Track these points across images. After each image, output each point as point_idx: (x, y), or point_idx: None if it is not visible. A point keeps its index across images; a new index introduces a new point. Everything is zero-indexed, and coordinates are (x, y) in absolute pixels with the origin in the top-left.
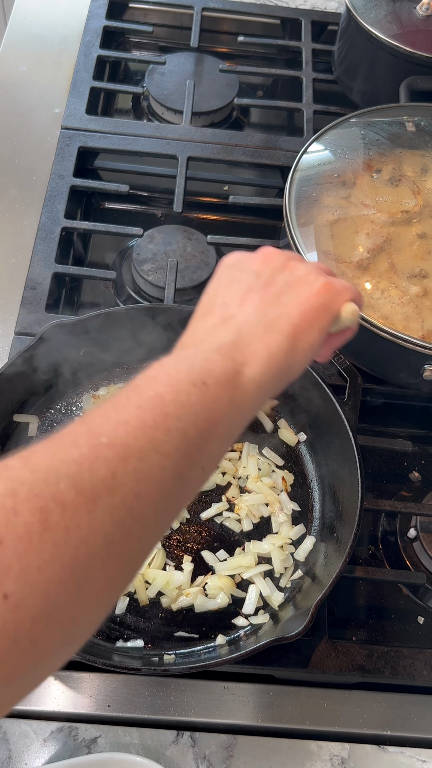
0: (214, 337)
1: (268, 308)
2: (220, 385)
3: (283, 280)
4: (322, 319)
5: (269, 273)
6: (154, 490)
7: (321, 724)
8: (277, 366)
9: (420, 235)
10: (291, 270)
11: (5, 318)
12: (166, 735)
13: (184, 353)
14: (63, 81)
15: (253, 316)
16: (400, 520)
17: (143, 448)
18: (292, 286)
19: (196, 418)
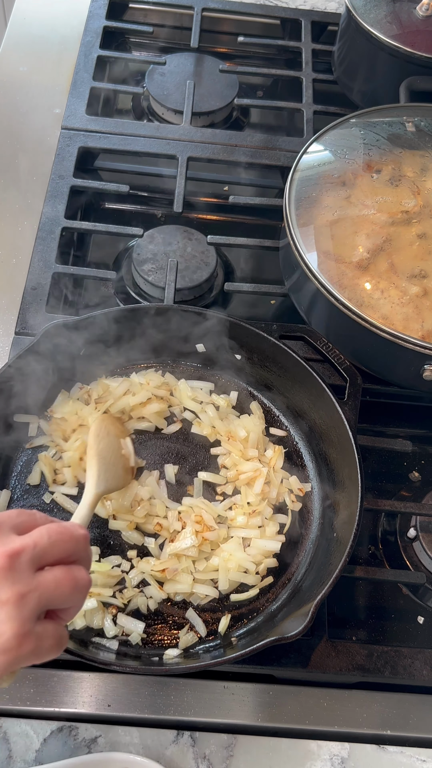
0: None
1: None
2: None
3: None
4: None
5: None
6: None
7: (321, 724)
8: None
9: (420, 235)
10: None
11: (5, 318)
12: (166, 735)
13: None
14: (63, 81)
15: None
16: (400, 520)
17: None
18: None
19: None
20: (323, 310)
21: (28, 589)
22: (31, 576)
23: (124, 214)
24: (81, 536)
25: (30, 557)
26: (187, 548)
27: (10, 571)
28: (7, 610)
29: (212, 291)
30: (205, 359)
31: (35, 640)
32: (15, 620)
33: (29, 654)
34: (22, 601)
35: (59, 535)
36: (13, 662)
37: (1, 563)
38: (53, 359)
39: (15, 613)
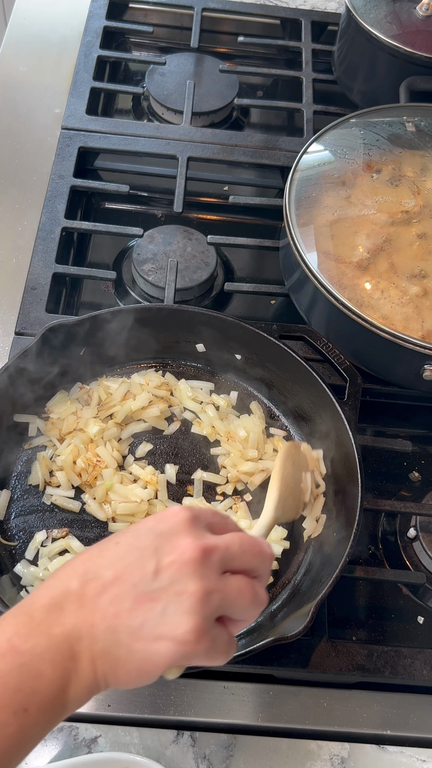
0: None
1: (123, 628)
2: (41, 711)
3: (164, 605)
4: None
5: (166, 583)
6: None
7: (321, 724)
8: (97, 689)
9: (420, 235)
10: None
11: (5, 318)
12: (166, 735)
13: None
14: (63, 81)
15: (106, 623)
16: (400, 520)
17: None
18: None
19: (6, 751)
20: (323, 310)
21: (213, 588)
22: (218, 576)
23: (124, 214)
24: (269, 554)
25: (220, 558)
26: None
27: (201, 566)
28: (191, 602)
29: (212, 291)
30: (205, 359)
31: (210, 641)
32: (197, 614)
33: (203, 652)
34: (206, 598)
35: (250, 546)
36: (186, 656)
37: (195, 555)
38: (53, 359)
39: (198, 607)
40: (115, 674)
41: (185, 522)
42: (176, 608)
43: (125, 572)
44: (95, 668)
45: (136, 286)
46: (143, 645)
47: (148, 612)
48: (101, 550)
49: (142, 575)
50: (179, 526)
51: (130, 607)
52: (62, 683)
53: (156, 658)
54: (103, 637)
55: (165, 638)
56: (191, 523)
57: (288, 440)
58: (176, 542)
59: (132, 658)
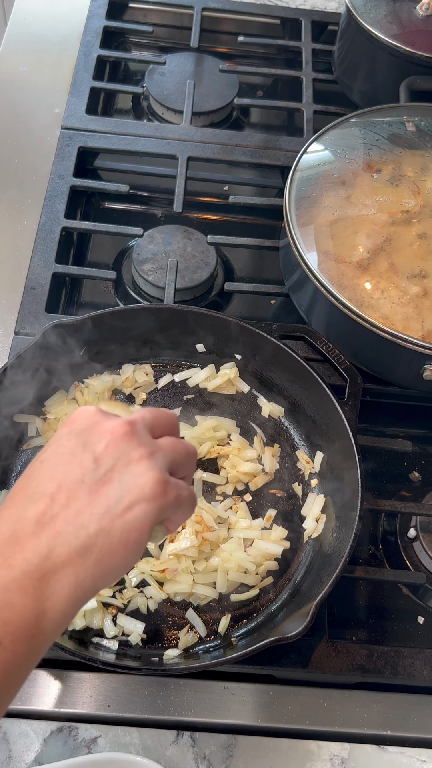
0: (22, 553)
1: (90, 519)
2: (17, 641)
3: (119, 480)
4: (141, 541)
5: (110, 463)
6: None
7: (321, 724)
8: (84, 595)
9: (420, 235)
10: (134, 467)
11: (5, 318)
12: (166, 735)
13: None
14: (63, 81)
15: (71, 526)
16: (400, 520)
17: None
18: (125, 492)
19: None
20: (323, 310)
21: (153, 449)
22: (151, 440)
23: (124, 214)
24: (173, 415)
25: (143, 425)
26: (186, 548)
27: (133, 436)
28: (142, 464)
29: (212, 291)
30: (205, 359)
31: (175, 489)
32: (153, 470)
33: (173, 502)
34: (152, 457)
35: (159, 412)
36: (161, 509)
37: (123, 429)
38: (53, 359)
39: (151, 464)
40: (101, 563)
41: (96, 413)
42: (131, 475)
43: (66, 476)
44: (76, 572)
45: (136, 286)
46: (119, 521)
47: (108, 492)
48: (30, 474)
49: (84, 470)
50: (92, 417)
51: (88, 499)
52: (36, 607)
53: (136, 523)
54: (74, 537)
55: (135, 503)
56: (101, 412)
57: (288, 440)
58: (99, 430)
59: (113, 538)
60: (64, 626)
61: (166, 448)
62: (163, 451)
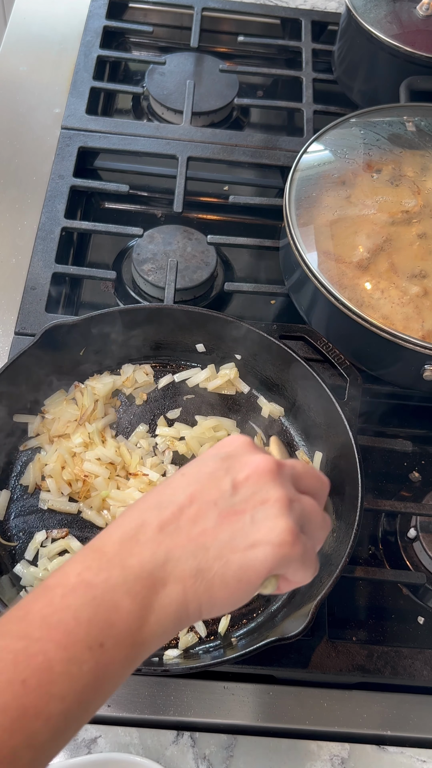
0: (138, 556)
1: (213, 543)
2: (118, 646)
3: (251, 515)
4: (254, 583)
5: (247, 495)
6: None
7: (321, 724)
8: (187, 618)
9: (420, 235)
10: (269, 507)
11: (5, 318)
12: (166, 735)
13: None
14: (63, 81)
15: (193, 543)
16: (400, 520)
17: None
18: (253, 528)
19: (83, 691)
20: (323, 310)
21: (294, 497)
22: (293, 489)
23: (124, 214)
24: (326, 480)
25: (290, 473)
26: None
27: (278, 476)
28: (278, 507)
29: (212, 291)
30: (205, 359)
31: (303, 544)
32: (287, 517)
33: (299, 556)
34: (290, 503)
35: (310, 468)
36: (285, 558)
37: (270, 466)
38: (53, 359)
39: (286, 510)
40: (211, 591)
41: (247, 444)
42: (265, 514)
43: (201, 493)
44: (185, 591)
45: (136, 286)
46: (239, 554)
47: (237, 523)
48: (168, 484)
49: (220, 492)
50: (243, 447)
51: (216, 522)
52: (142, 615)
53: (255, 563)
54: (193, 556)
55: (261, 543)
56: (252, 444)
57: (288, 440)
58: (245, 460)
59: (229, 569)
60: (161, 643)
61: (304, 503)
62: (302, 505)
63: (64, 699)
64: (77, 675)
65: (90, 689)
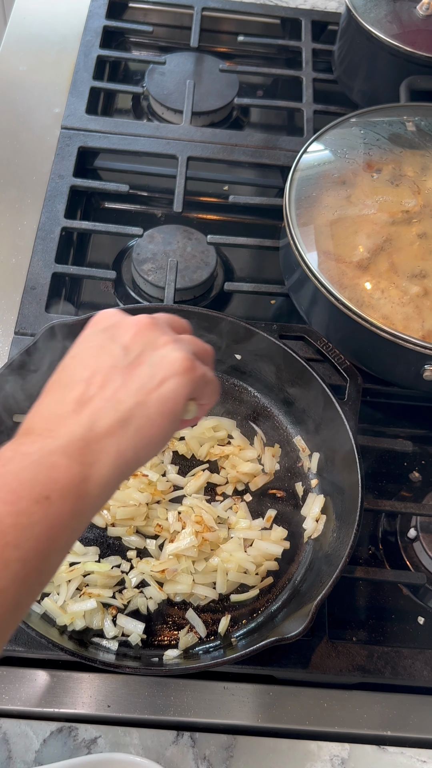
0: (65, 426)
1: (127, 395)
2: (64, 498)
3: (150, 362)
4: (177, 412)
5: (139, 350)
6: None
7: (321, 725)
8: (126, 465)
9: (420, 235)
10: (161, 350)
11: (5, 318)
12: (166, 735)
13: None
14: (63, 81)
15: (110, 402)
16: (400, 520)
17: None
18: (156, 370)
19: (37, 539)
20: (323, 310)
21: (177, 337)
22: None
23: (124, 214)
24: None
25: (166, 322)
26: (186, 548)
27: (157, 326)
28: (169, 346)
29: (212, 291)
30: None
31: (202, 368)
32: (180, 350)
33: (201, 378)
34: (177, 341)
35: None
36: (191, 382)
37: (148, 320)
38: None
39: (177, 346)
40: (141, 433)
41: (117, 312)
42: (161, 355)
43: (99, 363)
44: (118, 441)
45: (136, 286)
46: (154, 393)
47: (141, 372)
48: (63, 368)
49: (115, 357)
50: (116, 315)
51: (123, 380)
52: (82, 471)
53: (171, 394)
54: (114, 411)
55: (168, 376)
56: (121, 311)
57: (288, 440)
58: (124, 324)
59: (150, 408)
60: (108, 494)
61: (187, 339)
62: (185, 342)
63: (18, 546)
64: (27, 525)
65: (44, 538)
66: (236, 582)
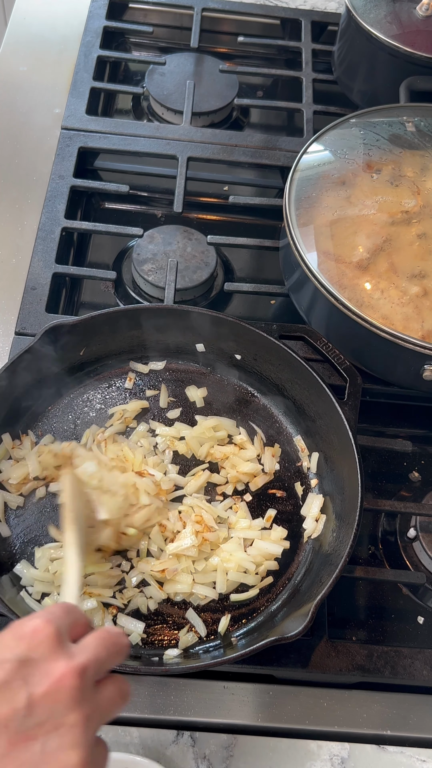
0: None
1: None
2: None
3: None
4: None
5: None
6: None
7: (321, 724)
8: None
9: (420, 235)
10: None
11: (5, 318)
12: (166, 735)
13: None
14: (63, 81)
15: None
16: (400, 520)
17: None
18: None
19: None
20: (323, 310)
21: (92, 710)
22: (94, 695)
23: (124, 214)
24: (127, 645)
25: (93, 673)
26: (187, 548)
27: (78, 691)
28: (74, 735)
29: (212, 291)
30: (204, 359)
31: (95, 762)
32: (81, 747)
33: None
34: (87, 724)
35: (114, 647)
36: None
37: (71, 682)
38: (53, 359)
39: (81, 739)
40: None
41: (50, 640)
42: (58, 743)
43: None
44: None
45: (136, 286)
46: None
47: (25, 752)
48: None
49: (14, 711)
50: (44, 645)
51: (4, 750)
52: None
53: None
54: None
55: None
56: (57, 640)
57: (288, 440)
58: (45, 668)
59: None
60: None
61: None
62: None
63: None
64: None
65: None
66: (236, 582)
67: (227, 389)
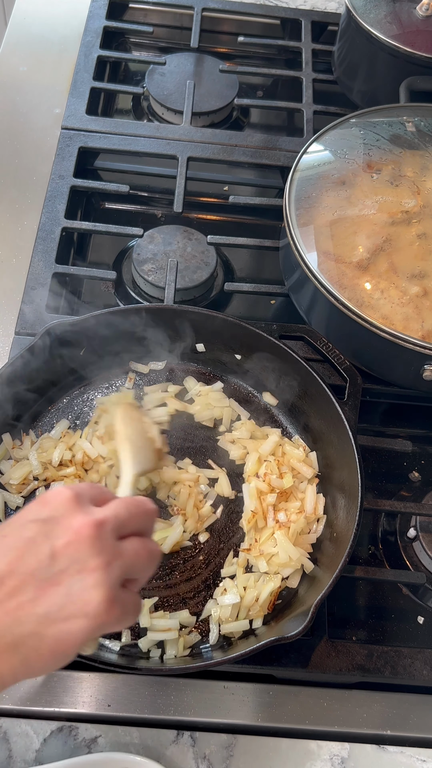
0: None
1: (29, 618)
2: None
3: (68, 586)
4: (69, 654)
5: (65, 564)
6: None
7: (321, 724)
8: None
9: (420, 235)
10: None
11: (5, 318)
12: (166, 735)
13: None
14: (63, 81)
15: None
16: (400, 520)
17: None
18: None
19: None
20: (323, 310)
21: (113, 557)
22: (115, 545)
23: (124, 214)
24: (153, 510)
25: (112, 527)
26: (178, 539)
27: (97, 540)
28: (95, 576)
29: (212, 291)
30: (205, 359)
31: (121, 607)
32: (103, 587)
33: (115, 620)
34: (108, 568)
35: (136, 509)
36: (101, 627)
37: (89, 532)
38: (53, 359)
39: (103, 579)
40: (27, 664)
41: (70, 501)
42: (81, 585)
43: (20, 562)
44: (1, 664)
45: (136, 286)
46: (54, 629)
47: (53, 596)
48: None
49: (39, 562)
50: (65, 506)
51: (33, 595)
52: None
53: (70, 637)
54: (9, 631)
55: (76, 616)
56: (76, 501)
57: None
58: (66, 523)
59: (44, 643)
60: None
61: (127, 555)
62: (123, 560)
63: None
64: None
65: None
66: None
67: (227, 389)
